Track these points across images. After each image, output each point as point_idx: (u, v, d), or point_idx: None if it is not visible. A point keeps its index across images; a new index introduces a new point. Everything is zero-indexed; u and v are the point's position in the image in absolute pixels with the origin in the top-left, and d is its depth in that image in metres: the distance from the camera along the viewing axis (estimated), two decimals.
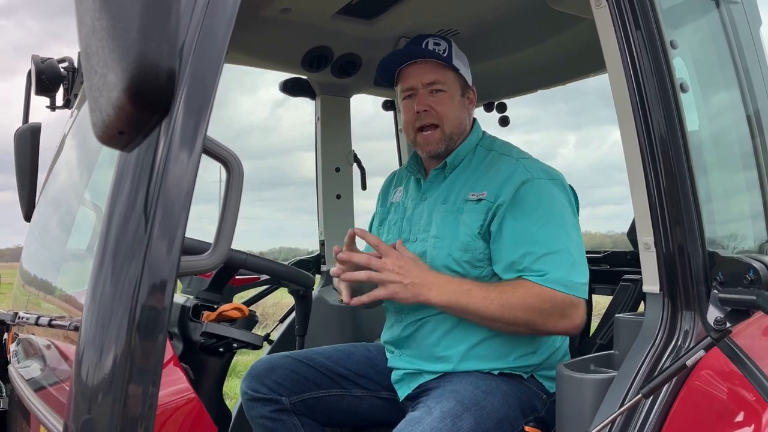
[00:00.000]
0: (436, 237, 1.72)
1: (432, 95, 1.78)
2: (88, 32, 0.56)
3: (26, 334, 1.64)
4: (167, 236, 0.86)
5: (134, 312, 0.84)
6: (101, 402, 0.83)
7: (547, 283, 1.54)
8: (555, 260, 1.56)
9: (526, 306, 1.55)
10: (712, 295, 1.32)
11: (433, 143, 1.79)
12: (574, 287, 1.56)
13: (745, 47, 1.66)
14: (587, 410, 1.29)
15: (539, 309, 1.55)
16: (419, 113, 1.78)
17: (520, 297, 1.55)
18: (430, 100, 1.78)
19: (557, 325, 1.57)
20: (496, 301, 1.56)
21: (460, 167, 1.82)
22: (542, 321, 1.56)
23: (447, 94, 1.79)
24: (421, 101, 1.78)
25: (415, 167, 1.92)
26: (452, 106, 1.80)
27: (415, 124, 1.80)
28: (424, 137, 1.80)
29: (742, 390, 1.19)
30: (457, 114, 1.81)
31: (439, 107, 1.78)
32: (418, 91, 1.79)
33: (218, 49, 0.90)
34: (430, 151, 1.81)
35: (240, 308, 1.74)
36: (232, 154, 0.98)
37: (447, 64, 1.78)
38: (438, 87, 1.78)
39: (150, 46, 0.52)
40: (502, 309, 1.55)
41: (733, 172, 1.68)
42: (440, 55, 1.78)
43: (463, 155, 1.83)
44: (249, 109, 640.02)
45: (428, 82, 1.78)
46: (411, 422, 1.48)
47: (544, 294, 1.54)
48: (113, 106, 0.55)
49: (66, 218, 1.69)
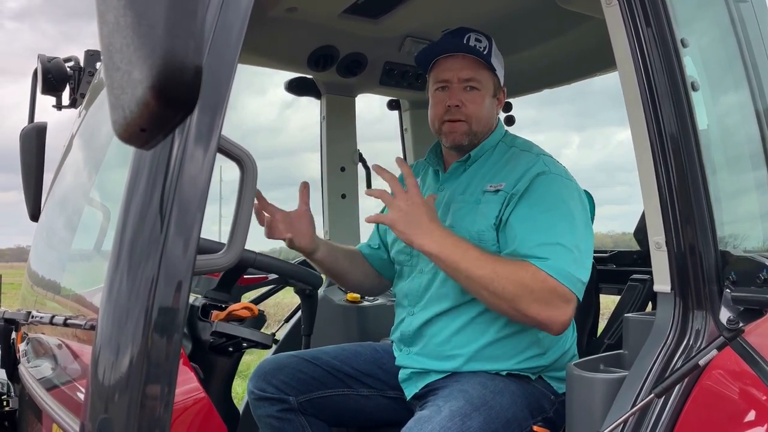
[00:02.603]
0: (451, 226, 1.72)
1: (466, 92, 1.77)
2: (111, 30, 0.56)
3: (36, 333, 1.64)
4: (183, 235, 0.86)
5: (151, 311, 0.84)
6: (118, 402, 0.83)
7: (546, 268, 1.51)
8: (558, 251, 1.54)
9: (517, 279, 1.50)
10: (725, 294, 1.32)
11: (458, 134, 1.78)
12: (572, 281, 1.52)
13: (755, 46, 1.65)
14: (598, 410, 1.29)
15: (529, 287, 1.50)
16: (450, 107, 1.77)
17: (515, 269, 1.52)
18: (464, 96, 1.77)
19: (542, 312, 1.50)
20: (489, 266, 1.52)
21: (480, 161, 1.82)
22: (529, 301, 1.50)
23: (480, 93, 1.78)
24: (455, 96, 1.77)
25: (434, 159, 1.92)
26: (483, 105, 1.79)
27: (444, 117, 1.79)
28: (450, 126, 1.79)
29: (754, 390, 1.19)
30: (486, 114, 1.81)
31: (470, 105, 1.77)
32: (452, 84, 1.78)
33: (233, 46, 0.90)
34: (453, 140, 1.80)
35: (250, 307, 1.74)
36: (246, 152, 0.98)
37: (485, 62, 1.77)
38: (473, 84, 1.77)
39: (176, 43, 0.52)
40: (493, 275, 1.50)
41: (743, 171, 1.67)
42: (480, 53, 1.77)
43: (485, 150, 1.82)
44: (257, 110, 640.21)
45: (465, 78, 1.77)
46: (420, 421, 1.48)
47: (539, 275, 1.50)
48: (137, 104, 0.54)
49: (75, 218, 1.69)
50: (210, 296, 1.79)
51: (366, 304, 2.67)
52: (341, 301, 2.69)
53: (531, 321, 1.54)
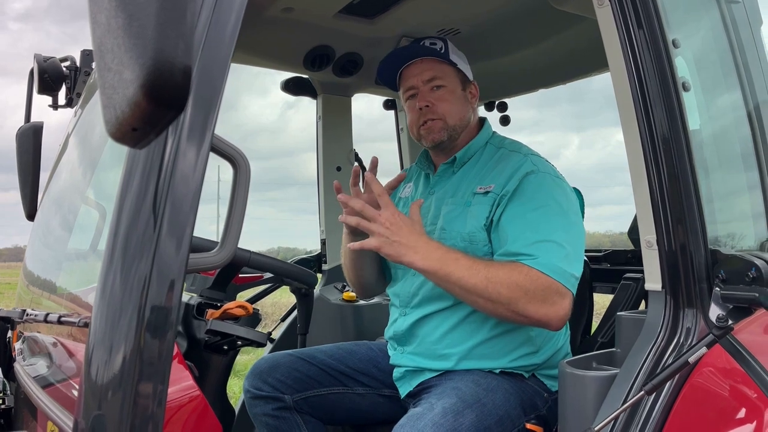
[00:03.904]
0: (442, 229, 1.74)
1: (433, 92, 1.80)
2: (103, 30, 0.57)
3: (31, 332, 1.64)
4: (176, 234, 0.87)
5: (144, 310, 0.85)
6: (111, 399, 0.84)
7: (537, 265, 1.52)
8: (549, 248, 1.55)
9: (511, 282, 1.50)
10: (714, 292, 1.33)
11: (435, 131, 1.80)
12: (564, 276, 1.53)
13: (746, 46, 1.67)
14: (589, 407, 1.30)
15: (524, 288, 1.50)
16: (422, 109, 1.80)
17: (507, 273, 1.51)
18: (431, 96, 1.80)
19: (539, 310, 1.51)
20: (482, 272, 1.51)
21: (470, 163, 1.83)
22: (525, 301, 1.50)
23: (447, 89, 1.81)
24: (423, 97, 1.80)
25: (424, 163, 1.95)
26: (453, 100, 1.82)
27: (419, 121, 1.82)
28: (426, 127, 1.81)
29: (744, 387, 1.20)
30: (459, 108, 1.83)
31: (440, 102, 1.79)
32: (419, 89, 1.81)
33: (226, 46, 0.91)
34: (433, 139, 1.82)
35: (244, 306, 1.75)
36: (239, 152, 0.99)
37: (444, 59, 1.81)
38: (438, 83, 1.80)
39: (166, 44, 0.53)
40: (487, 282, 1.50)
41: (735, 171, 1.69)
42: (437, 52, 1.81)
43: (473, 152, 1.84)
44: (259, 110, 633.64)
45: (428, 79, 1.80)
46: (413, 417, 1.49)
47: (531, 274, 1.51)
48: (128, 103, 0.55)
49: (71, 217, 1.69)
50: (205, 295, 1.80)
51: (361, 303, 2.68)
52: (337, 300, 2.70)
53: (530, 321, 1.54)
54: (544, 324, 1.55)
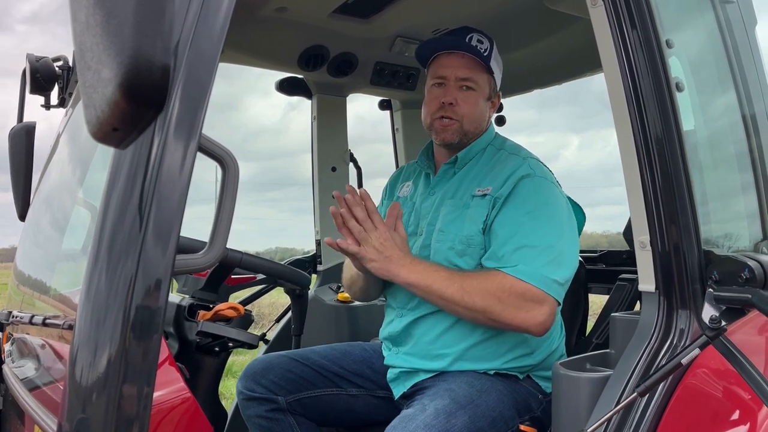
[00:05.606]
0: (440, 230, 1.74)
1: (461, 91, 1.78)
2: (82, 29, 0.56)
3: (21, 333, 1.63)
4: (162, 234, 0.86)
5: (129, 311, 0.83)
6: (96, 402, 0.83)
7: (515, 272, 1.53)
8: (532, 253, 1.55)
9: (484, 291, 1.54)
10: (708, 293, 1.32)
11: (449, 132, 1.79)
12: (544, 282, 1.53)
13: (741, 47, 1.66)
14: (583, 409, 1.29)
15: (496, 296, 1.53)
16: (444, 104, 1.77)
17: (481, 282, 1.55)
18: (459, 95, 1.77)
19: (515, 318, 1.53)
20: (458, 283, 1.57)
21: (470, 164, 1.82)
22: (499, 309, 1.53)
23: (475, 94, 1.79)
24: (450, 93, 1.77)
25: (425, 162, 1.93)
26: (477, 106, 1.80)
27: (437, 114, 1.79)
28: (442, 124, 1.79)
29: (737, 388, 1.19)
30: (479, 115, 1.81)
31: (464, 104, 1.77)
32: (449, 82, 1.78)
33: (214, 46, 0.89)
34: (444, 138, 1.80)
35: (235, 307, 1.74)
36: (227, 152, 0.98)
37: (484, 64, 1.78)
38: (469, 84, 1.78)
39: (144, 42, 0.52)
40: (462, 292, 1.55)
41: (729, 172, 1.68)
42: (481, 53, 1.77)
43: (474, 153, 1.83)
44: (261, 111, 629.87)
45: (462, 77, 1.77)
46: (405, 419, 1.48)
47: (505, 282, 1.53)
48: (107, 103, 0.54)
49: (61, 217, 1.68)
50: (197, 296, 1.79)
51: (356, 304, 2.67)
52: (331, 301, 2.69)
53: (509, 327, 1.59)
54: (524, 330, 1.58)
